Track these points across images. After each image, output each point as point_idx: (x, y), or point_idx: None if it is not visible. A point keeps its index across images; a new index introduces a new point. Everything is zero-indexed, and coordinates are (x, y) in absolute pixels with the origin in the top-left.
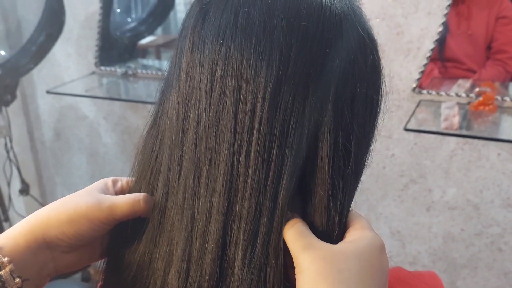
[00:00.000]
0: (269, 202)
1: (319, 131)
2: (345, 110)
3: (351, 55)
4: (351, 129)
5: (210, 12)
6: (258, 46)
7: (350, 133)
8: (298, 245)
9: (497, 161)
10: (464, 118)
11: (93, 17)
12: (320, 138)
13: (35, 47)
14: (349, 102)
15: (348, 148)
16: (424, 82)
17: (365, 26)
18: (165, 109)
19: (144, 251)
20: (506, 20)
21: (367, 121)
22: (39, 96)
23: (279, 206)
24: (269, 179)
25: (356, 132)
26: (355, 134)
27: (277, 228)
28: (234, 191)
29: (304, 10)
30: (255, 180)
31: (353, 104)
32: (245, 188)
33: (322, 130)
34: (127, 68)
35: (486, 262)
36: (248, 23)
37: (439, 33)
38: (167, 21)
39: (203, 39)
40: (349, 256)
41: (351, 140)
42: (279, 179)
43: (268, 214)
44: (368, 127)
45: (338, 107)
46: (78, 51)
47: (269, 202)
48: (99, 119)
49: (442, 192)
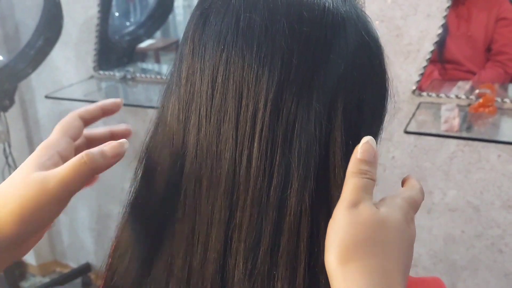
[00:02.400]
0: (273, 211)
1: (329, 137)
2: (354, 116)
3: (356, 60)
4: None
5: (211, 17)
6: (259, 51)
7: (359, 138)
8: (348, 199)
9: (497, 163)
10: (464, 120)
11: (91, 21)
12: (331, 145)
13: (33, 52)
14: (357, 108)
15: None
16: (424, 84)
17: (369, 29)
18: (165, 115)
19: (144, 260)
20: (506, 21)
21: (374, 125)
22: (38, 101)
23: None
24: (272, 188)
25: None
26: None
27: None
28: (235, 199)
29: (307, 14)
30: (257, 188)
31: (360, 109)
32: (247, 196)
33: (332, 137)
34: (126, 72)
35: (486, 263)
36: (249, 28)
37: (439, 35)
38: (166, 25)
39: (204, 44)
40: (381, 222)
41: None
42: (284, 188)
43: (273, 224)
44: (375, 132)
45: (347, 113)
46: (77, 55)
47: (273, 211)
48: (98, 124)
49: (442, 194)
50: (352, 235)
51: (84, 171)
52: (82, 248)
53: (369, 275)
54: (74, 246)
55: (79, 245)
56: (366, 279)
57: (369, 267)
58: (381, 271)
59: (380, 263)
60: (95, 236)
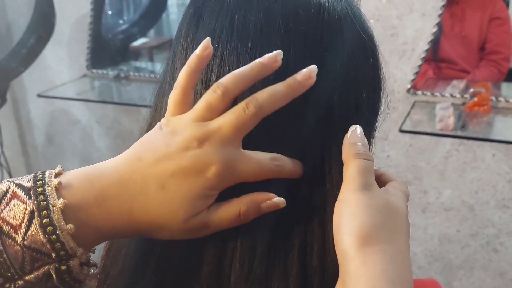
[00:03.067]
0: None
1: (325, 137)
2: (350, 115)
3: (353, 59)
4: None
5: (205, 15)
6: (254, 51)
7: None
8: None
9: (492, 162)
10: (459, 119)
11: (84, 19)
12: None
13: (25, 50)
14: (354, 107)
15: None
16: (418, 83)
17: (365, 27)
18: (158, 115)
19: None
20: (500, 21)
21: (370, 123)
22: (30, 100)
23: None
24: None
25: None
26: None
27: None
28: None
29: (302, 13)
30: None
31: (357, 108)
32: None
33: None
34: (120, 70)
35: (482, 263)
36: (244, 27)
37: (434, 34)
38: (160, 23)
39: (197, 42)
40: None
41: None
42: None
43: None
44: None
45: (343, 112)
46: (70, 53)
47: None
48: (91, 123)
49: (437, 194)
50: (372, 218)
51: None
52: None
53: (390, 259)
54: None
55: None
56: (388, 263)
57: (390, 251)
58: (399, 256)
59: (398, 248)
60: None
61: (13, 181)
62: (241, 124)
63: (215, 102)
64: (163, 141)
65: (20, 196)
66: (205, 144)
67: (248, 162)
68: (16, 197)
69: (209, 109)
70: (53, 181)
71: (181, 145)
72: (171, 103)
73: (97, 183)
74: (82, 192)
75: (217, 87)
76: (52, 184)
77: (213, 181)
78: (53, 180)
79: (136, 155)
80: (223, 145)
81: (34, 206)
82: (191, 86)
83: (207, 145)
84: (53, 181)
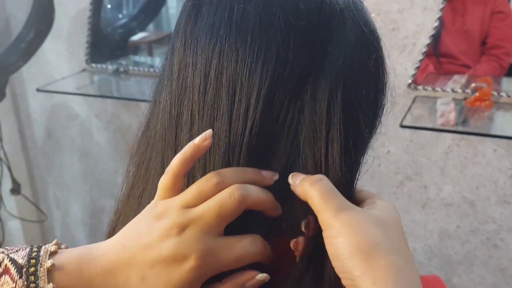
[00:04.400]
0: None
1: (328, 135)
2: (353, 112)
3: (355, 53)
4: (360, 130)
5: (203, 9)
6: (253, 45)
7: (358, 134)
8: (332, 205)
9: (493, 158)
10: (460, 114)
11: (83, 14)
12: (329, 141)
13: (24, 44)
14: (356, 103)
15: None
16: (419, 78)
17: (368, 20)
18: (157, 110)
19: None
20: (502, 15)
21: (374, 120)
22: (29, 94)
23: None
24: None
25: (363, 132)
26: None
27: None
28: None
29: (303, 6)
30: None
31: (360, 104)
32: None
33: (331, 134)
34: (119, 65)
35: (482, 259)
36: (243, 20)
37: (435, 28)
38: (159, 17)
39: (196, 37)
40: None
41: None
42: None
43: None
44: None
45: (346, 109)
46: (69, 48)
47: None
48: (91, 118)
49: (438, 189)
50: (370, 235)
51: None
52: (75, 243)
53: (397, 271)
54: (67, 241)
55: (72, 240)
56: (397, 276)
57: (395, 263)
58: (404, 266)
59: (401, 259)
60: (87, 231)
61: (7, 254)
62: (224, 212)
63: (207, 190)
64: (147, 227)
65: (11, 273)
66: (185, 231)
67: (229, 251)
68: (7, 273)
69: (199, 196)
70: (47, 262)
71: (162, 232)
72: (160, 188)
73: (86, 270)
74: (71, 278)
75: (213, 175)
76: (45, 266)
77: (192, 274)
78: (47, 261)
79: (122, 242)
80: (203, 233)
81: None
82: (183, 173)
83: (187, 232)
84: (47, 262)
